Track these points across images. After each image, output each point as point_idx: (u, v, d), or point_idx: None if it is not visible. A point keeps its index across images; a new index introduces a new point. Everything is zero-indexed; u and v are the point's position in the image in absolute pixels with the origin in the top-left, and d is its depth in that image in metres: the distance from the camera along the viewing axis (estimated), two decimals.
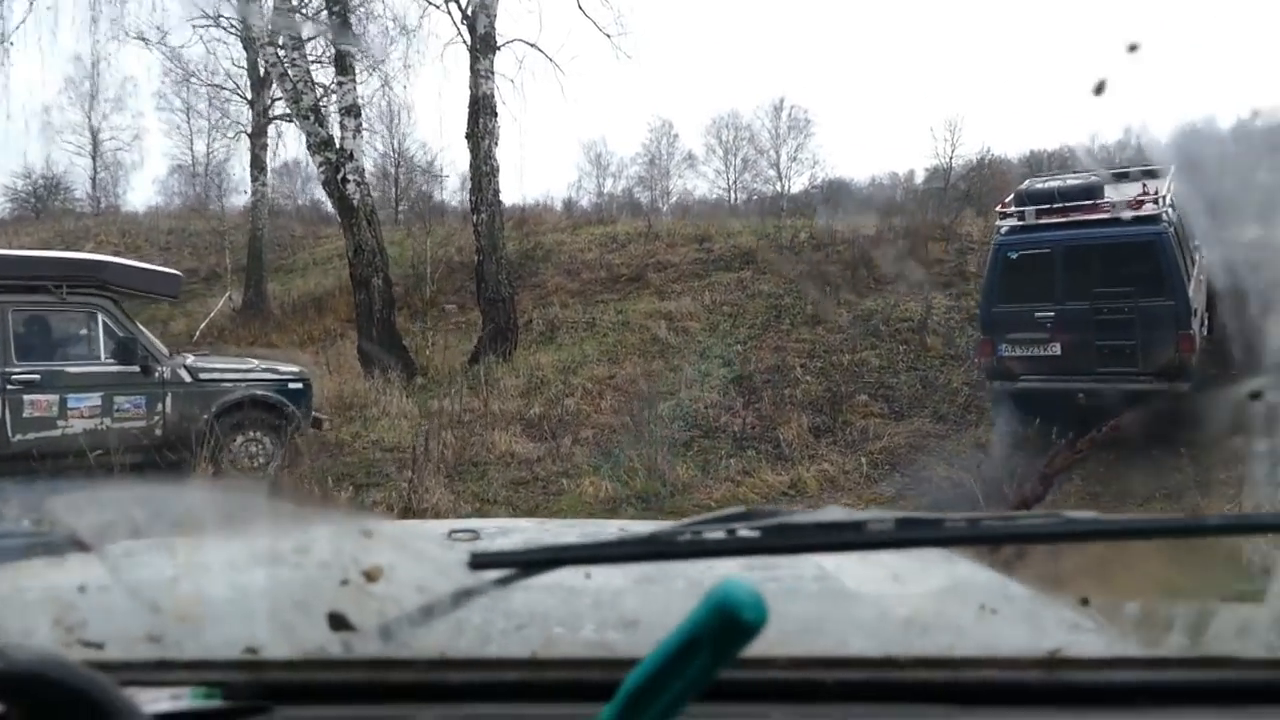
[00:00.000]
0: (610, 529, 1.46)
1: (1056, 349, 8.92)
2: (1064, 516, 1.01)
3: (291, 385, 9.10)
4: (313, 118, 13.83)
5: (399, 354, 13.69)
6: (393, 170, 34.75)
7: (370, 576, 1.02)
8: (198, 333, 19.50)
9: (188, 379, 8.68)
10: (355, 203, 13.73)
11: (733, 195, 44.81)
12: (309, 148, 14.08)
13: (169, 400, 8.47)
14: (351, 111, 13.82)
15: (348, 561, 1.03)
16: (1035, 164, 30.71)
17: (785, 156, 44.36)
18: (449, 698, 0.88)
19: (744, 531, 0.98)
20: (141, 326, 8.81)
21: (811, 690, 0.88)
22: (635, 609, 1.11)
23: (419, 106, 34.81)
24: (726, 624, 0.65)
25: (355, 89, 14.11)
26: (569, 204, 35.32)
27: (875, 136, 70.45)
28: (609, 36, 16.25)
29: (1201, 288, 9.39)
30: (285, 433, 8.77)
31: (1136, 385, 8.41)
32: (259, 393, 8.92)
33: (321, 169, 14.01)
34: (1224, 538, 1.13)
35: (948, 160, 37.19)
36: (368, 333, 13.77)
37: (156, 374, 8.46)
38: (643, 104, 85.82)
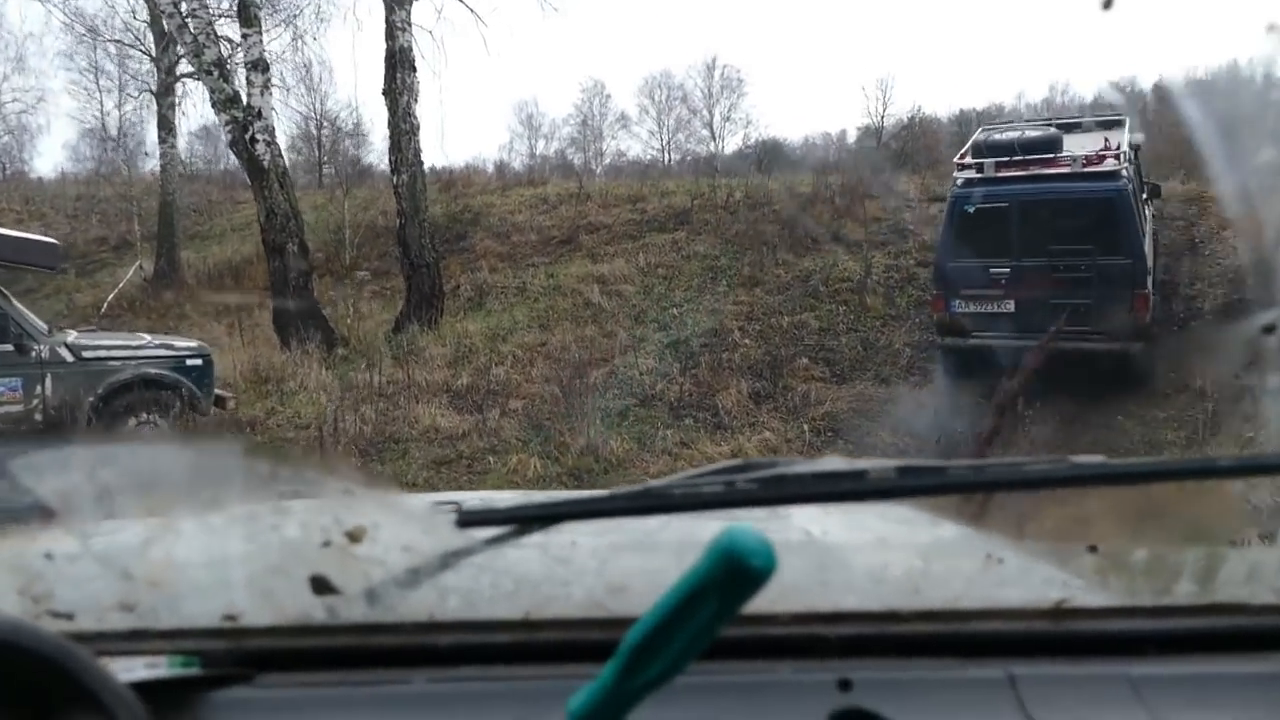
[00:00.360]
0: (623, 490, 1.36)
1: (1010, 306, 8.68)
2: (1070, 461, 0.99)
3: (190, 362, 8.38)
4: (216, 73, 12.89)
5: (318, 324, 12.96)
6: (315, 132, 33.54)
7: (353, 537, 0.99)
8: (105, 304, 18.44)
9: (70, 358, 7.92)
10: (265, 164, 12.87)
11: (667, 156, 44.34)
12: (213, 105, 13.15)
13: (49, 381, 7.71)
14: (258, 66, 12.92)
15: (329, 522, 1.01)
16: (964, 122, 30.77)
17: (719, 116, 43.92)
18: (439, 661, 0.85)
19: (741, 484, 0.97)
20: (14, 300, 8.00)
21: (815, 646, 0.86)
22: (630, 568, 1.05)
23: (342, 63, 33.34)
24: (734, 572, 0.63)
25: (261, 42, 13.20)
26: (501, 166, 34.43)
27: (808, 97, 70.31)
28: None
29: (1150, 244, 9.21)
30: (183, 414, 8.07)
31: (1090, 345, 8.22)
32: (152, 371, 8.18)
33: (228, 128, 13.10)
34: (1234, 480, 1.07)
35: (879, 119, 37.21)
36: (283, 302, 12.99)
37: (33, 353, 7.70)
38: (574, 64, 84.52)
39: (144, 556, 1.05)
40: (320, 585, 0.92)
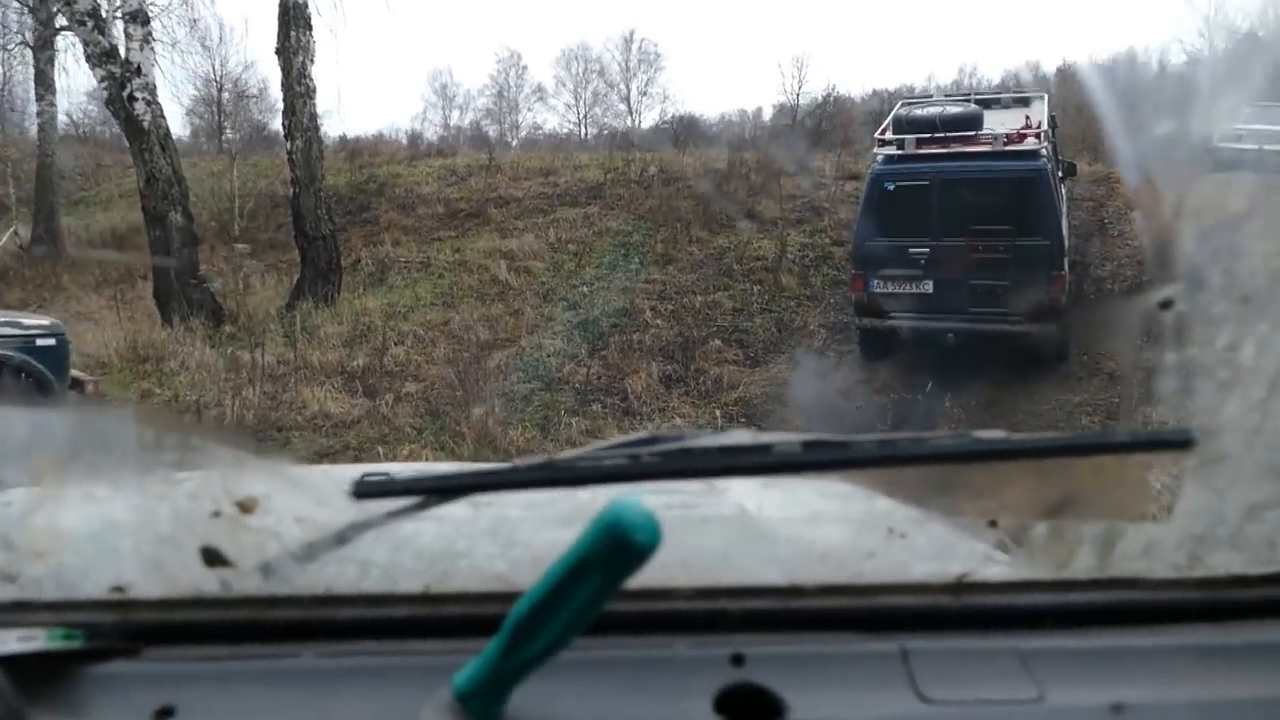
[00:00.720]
0: (535, 462, 1.31)
1: (929, 287, 8.48)
2: (972, 436, 1.01)
3: (40, 342, 7.57)
4: (91, 24, 11.88)
5: (203, 298, 12.13)
6: (214, 94, 32.00)
7: (245, 508, 0.97)
8: None
9: None
10: (145, 125, 11.93)
11: (583, 130, 43.77)
12: (88, 60, 12.12)
13: None
14: (137, 18, 11.96)
15: (219, 493, 0.98)
16: (878, 102, 30.89)
17: (636, 91, 43.56)
18: (335, 635, 0.83)
19: (646, 457, 0.98)
20: None
21: (716, 620, 0.85)
22: (534, 539, 1.03)
23: (241, 22, 31.74)
24: (617, 546, 0.63)
25: None
26: (414, 137, 33.34)
27: (724, 74, 70.11)
28: None
29: (1066, 225, 9.10)
30: (32, 399, 7.29)
31: (1006, 327, 8.08)
32: None
33: (104, 85, 12.09)
34: (1131, 455, 1.05)
35: (795, 97, 37.18)
36: (165, 274, 12.12)
37: None
38: (490, 34, 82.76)
39: (27, 526, 1.01)
40: (212, 557, 0.90)
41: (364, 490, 1.00)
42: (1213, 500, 1.02)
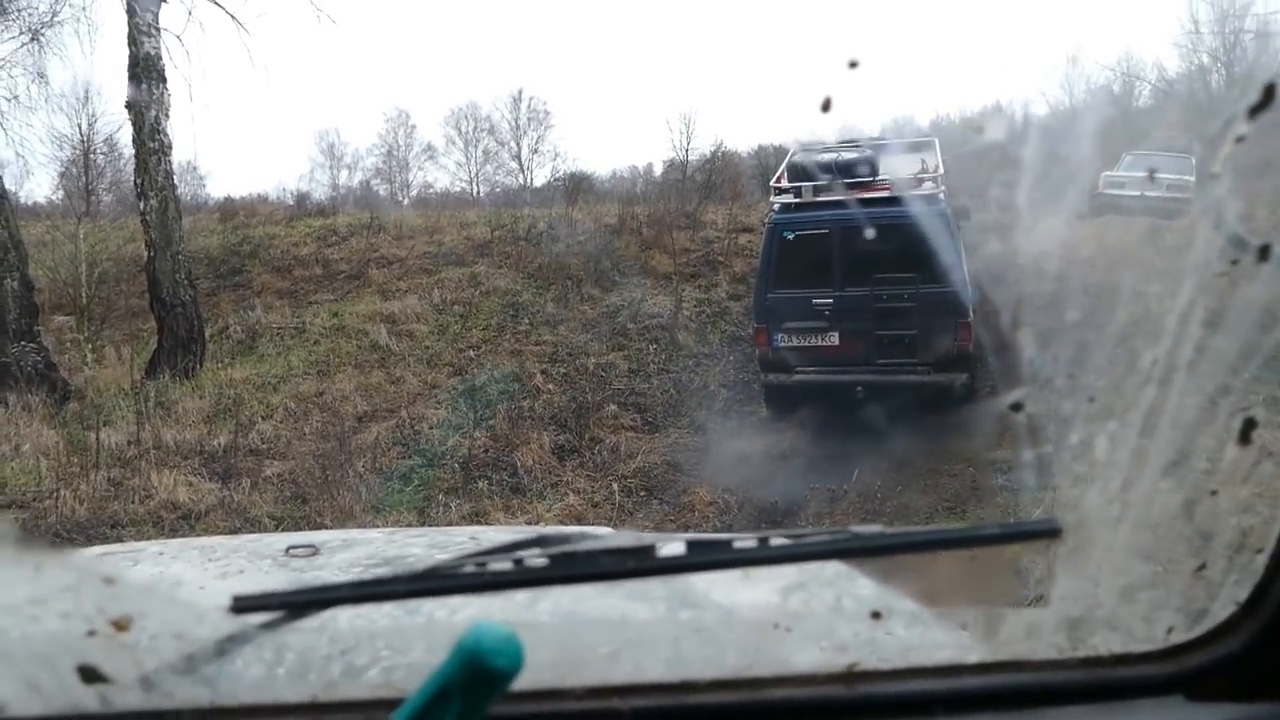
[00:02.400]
0: (458, 537, 1.38)
1: (835, 339, 8.08)
2: (851, 532, 1.03)
3: None
4: None
5: (44, 373, 10.96)
6: (78, 153, 30.29)
7: (119, 626, 0.95)
8: None
9: None
10: None
11: (475, 188, 43.31)
12: None
13: None
14: None
15: (91, 611, 0.95)
16: (763, 157, 31.33)
17: (526, 148, 43.35)
18: None
19: (529, 561, 0.98)
20: None
21: (608, 719, 0.87)
22: (427, 643, 1.03)
23: (113, 74, 30.17)
24: (476, 673, 0.63)
25: None
26: (301, 197, 32.14)
27: (614, 131, 70.60)
28: None
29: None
30: None
31: (915, 377, 7.73)
32: None
33: None
34: (1002, 546, 1.08)
35: (684, 152, 37.40)
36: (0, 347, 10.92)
37: None
38: (377, 93, 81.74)
39: None
40: (89, 674, 0.90)
41: (241, 605, 1.00)
42: (1087, 584, 1.03)
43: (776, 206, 8.49)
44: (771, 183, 8.98)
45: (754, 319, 8.78)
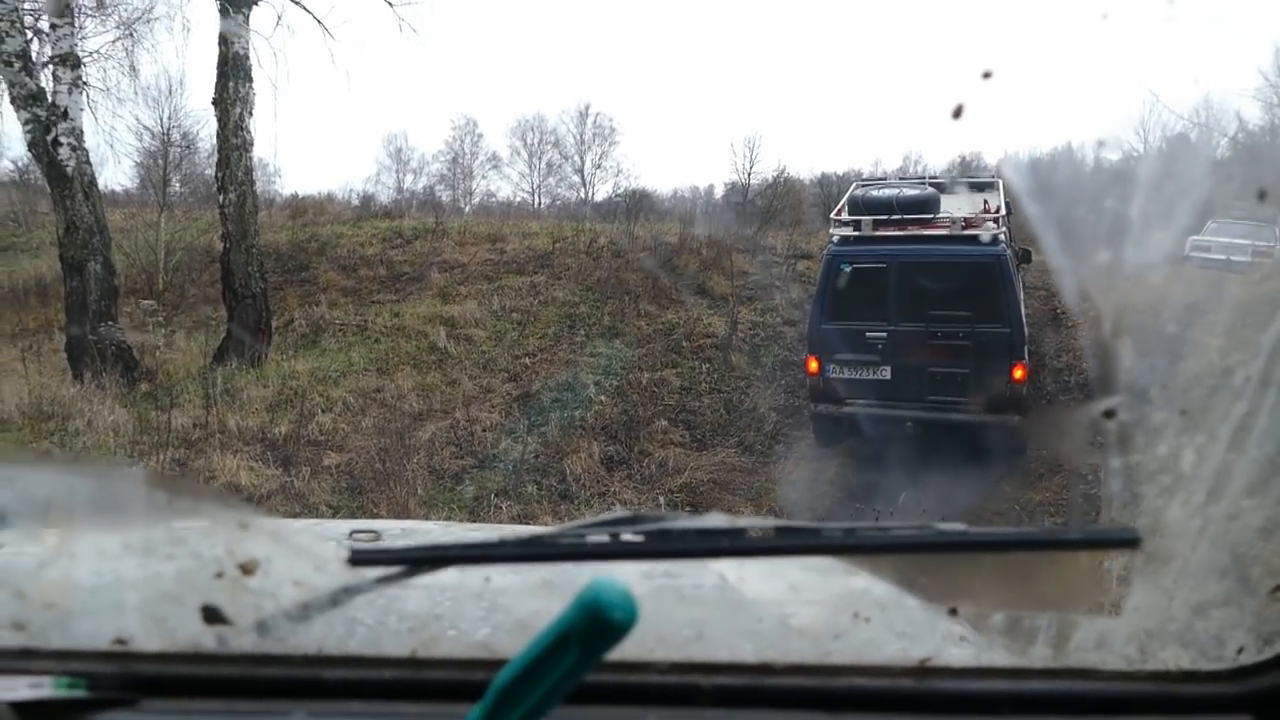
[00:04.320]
0: (521, 533, 1.39)
1: (887, 373, 8.12)
2: (934, 528, 1.04)
3: None
4: (18, 65, 11.32)
5: (119, 354, 11.40)
6: (160, 145, 31.28)
7: (246, 570, 1.01)
8: None
9: None
10: (70, 170, 11.36)
11: (537, 199, 43.80)
12: (12, 102, 11.53)
13: None
14: (67, 61, 11.41)
15: (223, 554, 1.02)
16: (826, 184, 31.28)
17: (590, 163, 43.79)
18: (324, 695, 0.87)
19: (627, 536, 1.01)
20: None
21: (689, 695, 0.89)
22: (522, 610, 1.07)
23: (195, 74, 31.09)
24: (595, 623, 0.67)
25: (73, 34, 11.69)
26: (366, 198, 32.79)
27: (678, 151, 70.98)
28: (390, 3, 14.35)
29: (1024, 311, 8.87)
30: None
31: (967, 416, 7.73)
32: None
33: (28, 128, 11.50)
34: (1082, 551, 1.07)
35: (746, 176, 37.48)
36: (80, 326, 11.40)
37: None
38: (447, 100, 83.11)
39: (38, 577, 1.05)
40: (211, 615, 0.95)
41: (359, 558, 1.03)
42: (1161, 597, 1.04)
43: (835, 238, 8.57)
44: (832, 215, 9.08)
45: (807, 348, 8.85)
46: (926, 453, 7.33)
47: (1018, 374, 7.81)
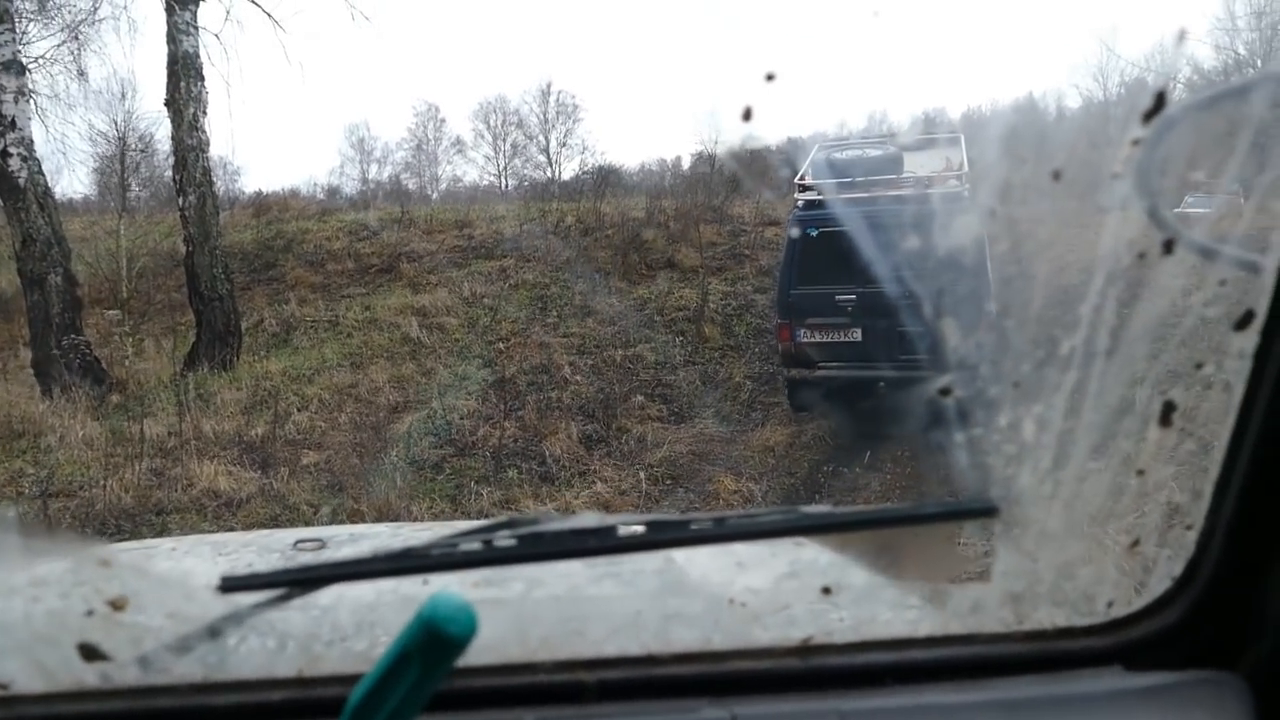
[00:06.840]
0: (457, 529, 1.28)
1: (858, 334, 8.14)
2: (800, 511, 1.10)
3: None
4: None
5: (87, 366, 11.28)
6: (116, 150, 30.84)
7: (116, 606, 1.01)
8: None
9: None
10: (22, 182, 11.16)
11: (504, 181, 43.52)
12: None
13: None
14: (11, 69, 11.18)
15: (89, 592, 1.02)
16: (792, 148, 31.27)
17: (555, 142, 43.50)
18: None
19: (500, 541, 1.04)
20: None
21: (573, 692, 0.90)
22: (398, 621, 0.90)
23: (146, 72, 30.56)
24: (433, 638, 0.68)
25: (14, 40, 11.45)
26: (331, 191, 32.46)
27: (643, 125, 70.65)
28: None
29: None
30: None
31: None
32: None
33: None
34: (943, 524, 1.15)
35: (712, 145, 37.40)
36: (45, 341, 11.25)
37: None
38: (407, 88, 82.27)
39: None
40: (90, 652, 0.93)
41: (230, 585, 1.04)
42: (1026, 561, 1.06)
43: (800, 203, 8.56)
44: (795, 180, 9.07)
45: (777, 315, 8.87)
46: (898, 407, 7.38)
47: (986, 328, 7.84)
